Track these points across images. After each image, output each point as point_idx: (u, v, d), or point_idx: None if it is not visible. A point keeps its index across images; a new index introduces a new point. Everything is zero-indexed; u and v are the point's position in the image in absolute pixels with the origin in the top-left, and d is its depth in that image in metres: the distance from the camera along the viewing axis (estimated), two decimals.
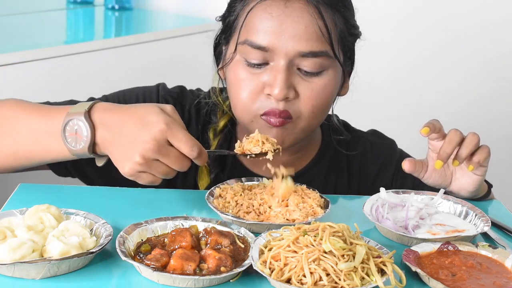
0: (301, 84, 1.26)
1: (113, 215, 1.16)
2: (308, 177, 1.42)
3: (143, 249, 1.04)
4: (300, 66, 1.26)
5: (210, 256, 0.99)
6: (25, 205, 1.12)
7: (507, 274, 1.05)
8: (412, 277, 1.03)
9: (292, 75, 1.26)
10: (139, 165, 1.10)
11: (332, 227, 1.00)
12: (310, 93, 1.27)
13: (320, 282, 0.94)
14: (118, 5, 3.01)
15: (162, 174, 1.13)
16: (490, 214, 1.27)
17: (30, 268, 0.95)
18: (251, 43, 1.25)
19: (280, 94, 1.24)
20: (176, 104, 1.41)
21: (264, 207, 1.20)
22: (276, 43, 1.24)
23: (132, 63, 2.54)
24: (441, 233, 1.15)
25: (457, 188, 1.33)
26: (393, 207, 1.23)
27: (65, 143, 1.16)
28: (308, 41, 1.24)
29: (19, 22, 2.70)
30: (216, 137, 1.40)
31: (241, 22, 1.29)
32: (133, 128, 1.11)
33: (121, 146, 1.12)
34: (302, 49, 1.24)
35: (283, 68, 1.24)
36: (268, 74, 1.26)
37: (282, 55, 1.24)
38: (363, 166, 1.47)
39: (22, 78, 2.19)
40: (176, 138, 1.11)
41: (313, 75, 1.27)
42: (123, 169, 1.12)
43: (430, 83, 2.74)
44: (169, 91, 1.44)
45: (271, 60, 1.26)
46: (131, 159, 1.11)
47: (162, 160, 1.11)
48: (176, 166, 1.12)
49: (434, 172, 1.32)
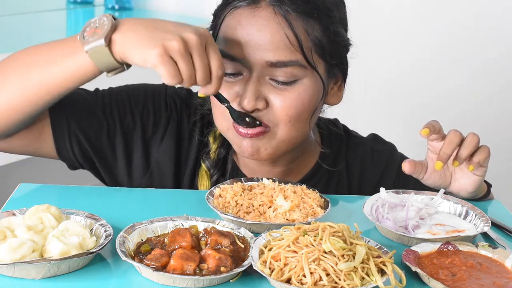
0: (272, 94, 1.24)
1: (113, 215, 1.16)
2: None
3: (143, 249, 1.04)
4: (272, 76, 1.24)
5: (210, 256, 0.99)
6: (25, 205, 1.12)
7: (507, 274, 1.05)
8: (412, 277, 1.03)
9: (262, 85, 1.24)
10: (169, 49, 1.06)
11: (332, 227, 1.00)
12: (282, 102, 1.24)
13: (320, 282, 0.94)
14: (118, 5, 3.01)
15: (186, 70, 1.07)
16: (490, 214, 1.27)
17: (30, 268, 0.95)
18: (223, 53, 1.22)
19: (248, 105, 1.23)
20: (183, 105, 1.41)
21: (264, 207, 1.20)
22: (244, 53, 1.22)
23: None
24: (441, 233, 1.15)
25: (456, 189, 1.33)
26: (393, 207, 1.23)
27: (81, 40, 1.11)
28: (275, 50, 1.21)
29: (19, 22, 2.71)
30: (215, 141, 1.40)
31: (216, 30, 1.29)
32: (169, 24, 1.09)
33: (152, 30, 1.08)
34: (269, 59, 1.22)
35: (252, 78, 1.23)
36: (239, 85, 1.25)
37: (251, 65, 1.23)
38: (363, 173, 1.46)
39: None
40: (213, 48, 1.09)
41: (286, 85, 1.24)
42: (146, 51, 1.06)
43: (431, 85, 2.74)
44: (177, 91, 1.44)
45: (243, 71, 1.25)
46: (162, 41, 1.06)
47: (194, 56, 1.07)
48: (200, 71, 1.08)
49: (434, 173, 1.32)
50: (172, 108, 1.40)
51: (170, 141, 1.39)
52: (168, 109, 1.40)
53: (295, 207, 1.19)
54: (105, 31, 1.09)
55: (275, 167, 1.39)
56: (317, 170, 1.43)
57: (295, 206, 1.19)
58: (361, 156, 1.47)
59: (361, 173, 1.46)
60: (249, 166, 1.41)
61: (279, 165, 1.39)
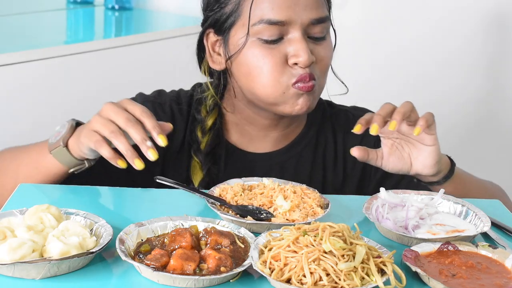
0: (315, 49, 1.35)
1: (113, 215, 1.16)
2: (297, 150, 1.48)
3: (143, 249, 1.04)
4: (310, 33, 1.34)
5: (210, 256, 0.99)
6: (25, 205, 1.12)
7: (507, 274, 1.05)
8: (412, 277, 1.03)
9: (307, 43, 1.34)
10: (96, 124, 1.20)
11: (332, 227, 1.00)
12: (323, 55, 1.36)
13: (320, 282, 0.94)
14: (118, 5, 3.01)
15: (110, 132, 1.18)
16: (490, 214, 1.27)
17: (30, 268, 0.95)
18: (268, 20, 1.31)
19: (308, 60, 1.31)
20: (155, 106, 1.46)
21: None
22: (293, 15, 1.32)
23: (132, 63, 2.54)
24: (441, 233, 1.15)
25: (419, 168, 1.34)
26: (393, 207, 1.23)
27: (48, 143, 1.29)
28: (317, 9, 1.34)
29: (19, 22, 2.70)
30: (205, 136, 1.44)
31: (247, 5, 1.33)
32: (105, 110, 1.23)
33: (88, 123, 1.24)
34: (314, 16, 1.33)
35: (301, 37, 1.32)
36: (287, 46, 1.33)
37: (297, 26, 1.32)
38: (346, 137, 1.50)
39: (22, 78, 2.19)
40: (129, 103, 1.22)
41: (321, 39, 1.36)
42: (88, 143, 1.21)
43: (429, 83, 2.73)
44: (146, 97, 1.50)
45: (286, 34, 1.33)
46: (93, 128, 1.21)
47: (115, 119, 1.19)
48: (129, 126, 1.18)
49: (391, 156, 1.35)
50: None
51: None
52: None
53: (295, 207, 1.19)
54: (63, 134, 1.28)
55: (273, 131, 1.46)
56: (306, 134, 1.49)
57: (295, 206, 1.19)
58: (344, 121, 1.52)
59: (344, 137, 1.51)
60: (246, 134, 1.46)
61: (278, 128, 1.46)
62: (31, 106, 2.23)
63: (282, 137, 1.47)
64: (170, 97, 1.49)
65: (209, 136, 1.44)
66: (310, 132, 1.50)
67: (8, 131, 2.15)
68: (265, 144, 1.47)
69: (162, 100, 1.48)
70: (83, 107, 2.37)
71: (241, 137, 1.47)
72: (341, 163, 1.50)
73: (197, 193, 1.24)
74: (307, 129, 1.50)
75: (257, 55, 1.33)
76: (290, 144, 1.48)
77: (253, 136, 1.47)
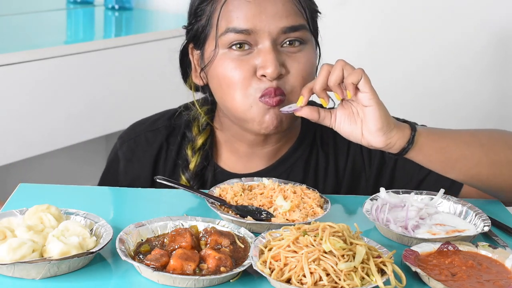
0: (288, 60, 1.28)
1: (113, 215, 1.16)
2: (286, 166, 1.41)
3: (143, 249, 1.04)
4: (284, 43, 1.29)
5: (210, 256, 0.99)
6: (25, 205, 1.12)
7: (507, 274, 1.05)
8: (412, 277, 1.03)
9: (278, 53, 1.28)
10: None
11: (332, 227, 1.00)
12: (297, 66, 1.29)
13: (320, 282, 0.94)
14: (118, 5, 3.01)
15: None
16: (490, 214, 1.27)
17: (30, 268, 0.95)
18: (234, 29, 1.27)
19: (274, 72, 1.25)
20: (130, 141, 1.46)
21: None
22: (259, 24, 1.27)
23: (132, 63, 2.54)
24: (441, 233, 1.15)
25: (370, 133, 1.21)
26: (393, 207, 1.23)
27: None
28: (288, 17, 1.28)
29: (19, 22, 2.71)
30: (194, 155, 1.41)
31: (216, 17, 1.30)
32: None
33: None
34: (284, 25, 1.27)
35: (269, 47, 1.27)
36: (256, 57, 1.28)
37: (266, 35, 1.27)
38: (336, 146, 1.45)
39: (22, 78, 2.19)
40: None
41: (297, 50, 1.29)
42: None
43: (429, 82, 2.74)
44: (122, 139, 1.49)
45: (256, 44, 1.28)
46: None
47: None
48: None
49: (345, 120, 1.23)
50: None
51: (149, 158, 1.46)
52: None
53: (295, 207, 1.19)
54: None
55: (262, 147, 1.40)
56: (296, 149, 1.43)
57: (295, 206, 1.19)
58: (333, 131, 1.40)
59: (334, 145, 1.45)
60: (235, 152, 1.41)
61: (268, 145, 1.39)
62: (31, 106, 2.23)
63: (271, 153, 1.41)
64: (145, 127, 1.47)
65: (198, 156, 1.41)
66: (302, 146, 1.43)
67: (8, 131, 2.15)
68: (254, 161, 1.41)
69: (135, 133, 1.47)
70: (83, 107, 2.38)
71: (230, 155, 1.42)
72: (332, 179, 1.43)
73: (197, 193, 1.24)
74: (297, 144, 1.43)
75: (227, 67, 1.29)
76: (279, 161, 1.42)
77: (241, 154, 1.41)
